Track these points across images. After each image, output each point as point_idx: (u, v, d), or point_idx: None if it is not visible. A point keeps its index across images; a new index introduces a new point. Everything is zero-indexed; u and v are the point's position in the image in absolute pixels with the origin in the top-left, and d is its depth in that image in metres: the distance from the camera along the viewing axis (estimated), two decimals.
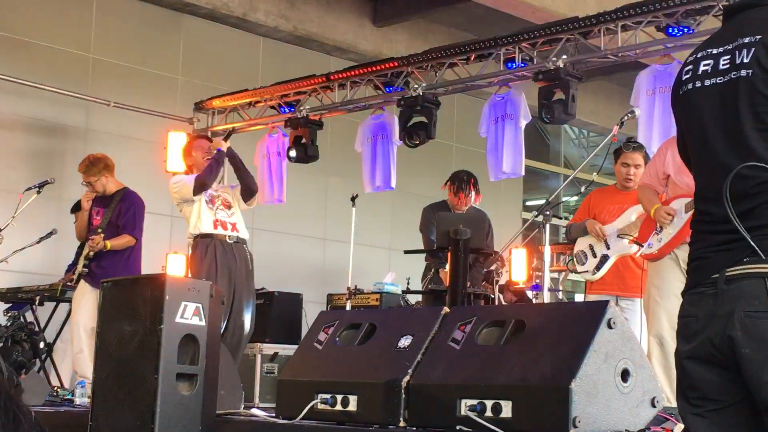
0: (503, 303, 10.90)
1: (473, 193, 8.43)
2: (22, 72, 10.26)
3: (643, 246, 6.21)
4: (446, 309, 4.75)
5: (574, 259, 7.34)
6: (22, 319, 8.17)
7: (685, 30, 7.64)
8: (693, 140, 2.71)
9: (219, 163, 7.65)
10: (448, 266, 7.01)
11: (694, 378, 2.53)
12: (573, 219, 7.55)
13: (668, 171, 6.12)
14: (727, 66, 2.57)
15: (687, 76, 2.69)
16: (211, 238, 7.40)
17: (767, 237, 2.43)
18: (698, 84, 2.64)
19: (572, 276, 9.55)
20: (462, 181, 8.43)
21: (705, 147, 2.63)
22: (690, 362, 2.54)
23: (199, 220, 7.47)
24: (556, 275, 13.53)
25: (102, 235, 7.83)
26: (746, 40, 2.54)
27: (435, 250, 7.84)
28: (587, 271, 7.19)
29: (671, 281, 6.02)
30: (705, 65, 2.64)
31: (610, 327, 4.07)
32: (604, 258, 7.08)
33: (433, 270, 8.44)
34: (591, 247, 7.18)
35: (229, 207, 7.64)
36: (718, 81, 2.59)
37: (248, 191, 7.67)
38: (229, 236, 7.45)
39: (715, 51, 2.63)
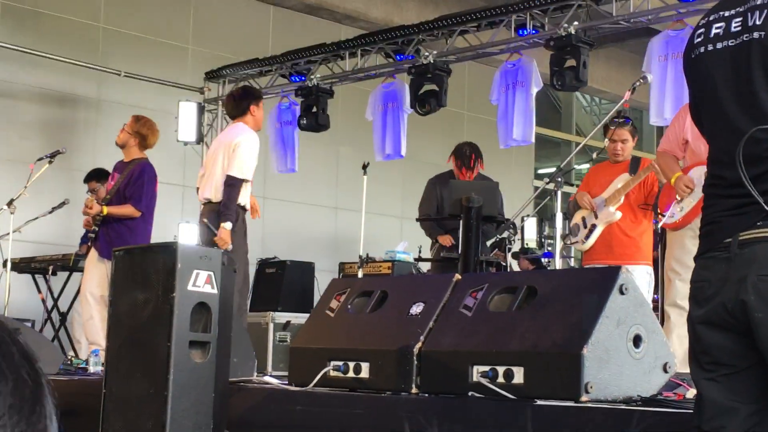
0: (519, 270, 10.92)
1: (477, 164, 8.38)
2: (32, 42, 10.26)
3: (664, 216, 6.17)
4: (458, 276, 4.75)
5: (570, 231, 7.39)
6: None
7: None
8: (705, 104, 2.69)
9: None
10: (460, 232, 7.01)
11: (707, 343, 2.52)
12: (573, 195, 7.58)
13: (687, 136, 6.08)
14: (739, 28, 2.54)
15: (699, 39, 2.67)
16: (245, 211, 7.31)
17: None
18: (710, 47, 2.61)
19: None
20: (464, 156, 8.37)
21: (717, 111, 2.61)
22: (703, 327, 2.53)
23: (246, 196, 7.26)
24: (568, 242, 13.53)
25: (93, 198, 7.80)
26: (759, 1, 2.51)
27: (446, 218, 7.82)
28: (578, 241, 7.25)
29: (691, 252, 5.99)
30: (717, 28, 2.61)
31: (622, 293, 4.06)
32: (593, 227, 7.13)
33: (437, 242, 8.41)
34: (583, 219, 7.23)
35: None
36: (729, 44, 2.56)
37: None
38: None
39: (727, 13, 2.60)
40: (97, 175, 9.13)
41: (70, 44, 10.65)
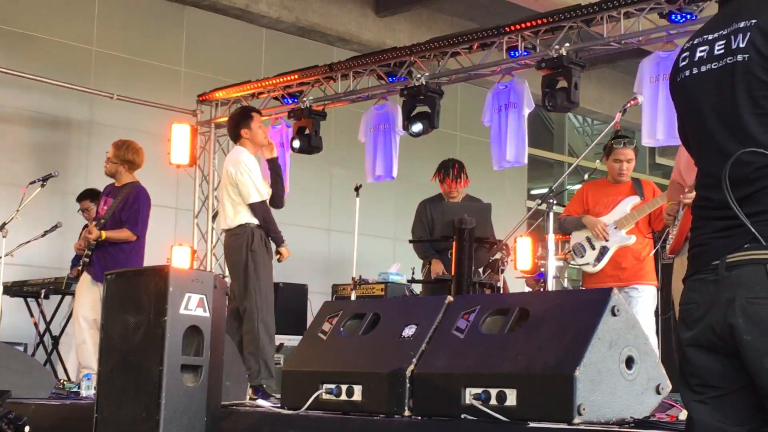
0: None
1: (462, 174, 8.35)
2: (25, 65, 10.27)
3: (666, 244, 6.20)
4: (450, 298, 4.75)
5: (573, 251, 7.32)
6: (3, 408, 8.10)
7: (688, 16, 7.62)
8: (692, 126, 2.70)
9: (279, 174, 7.55)
10: (452, 255, 7.01)
11: (696, 365, 2.53)
12: (566, 211, 7.50)
13: (680, 166, 6.09)
14: (723, 51, 2.56)
15: (684, 62, 2.69)
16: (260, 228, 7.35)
17: (767, 222, 2.42)
18: (695, 70, 2.64)
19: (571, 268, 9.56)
20: (448, 167, 8.39)
21: (704, 133, 2.63)
22: (692, 349, 2.53)
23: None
24: (561, 263, 13.53)
25: (94, 225, 7.81)
26: (741, 24, 2.53)
27: (439, 239, 7.83)
28: (588, 264, 7.17)
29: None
30: (701, 51, 2.63)
31: (614, 314, 4.06)
32: (604, 250, 7.08)
33: (423, 265, 8.40)
34: (588, 240, 7.17)
35: None
36: (713, 66, 2.58)
37: (275, 203, 7.53)
38: None
39: (710, 37, 2.62)
40: (90, 195, 9.13)
41: (63, 67, 10.66)
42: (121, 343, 4.76)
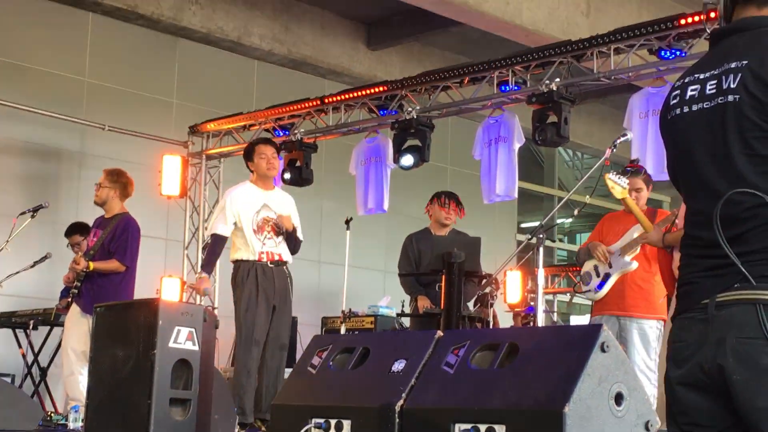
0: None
1: (452, 200, 8.37)
2: (17, 96, 10.28)
3: None
4: (439, 333, 4.75)
5: (581, 280, 7.33)
6: None
7: (678, 53, 7.68)
8: (682, 165, 2.71)
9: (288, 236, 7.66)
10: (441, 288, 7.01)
11: (684, 404, 2.53)
12: (584, 243, 7.53)
13: None
14: (714, 91, 2.57)
15: (674, 101, 2.70)
16: (253, 263, 7.43)
17: (758, 263, 2.43)
18: (686, 109, 2.65)
19: (577, 299, 9.53)
20: (444, 194, 8.42)
21: (694, 172, 2.64)
22: (681, 388, 2.54)
23: (245, 251, 7.46)
24: (550, 297, 13.55)
25: (81, 255, 7.79)
26: (733, 65, 2.55)
27: (428, 273, 7.83)
28: (590, 290, 7.18)
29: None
30: (692, 90, 2.64)
31: (603, 350, 4.06)
32: (606, 276, 7.08)
33: (411, 300, 8.39)
34: (595, 268, 7.18)
35: (278, 233, 7.54)
36: (705, 106, 2.59)
37: (291, 251, 7.72)
38: (272, 262, 7.46)
39: (702, 76, 2.64)
40: (79, 229, 9.11)
41: (55, 98, 10.68)
42: (110, 376, 4.75)
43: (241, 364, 7.25)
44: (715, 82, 2.57)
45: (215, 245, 7.60)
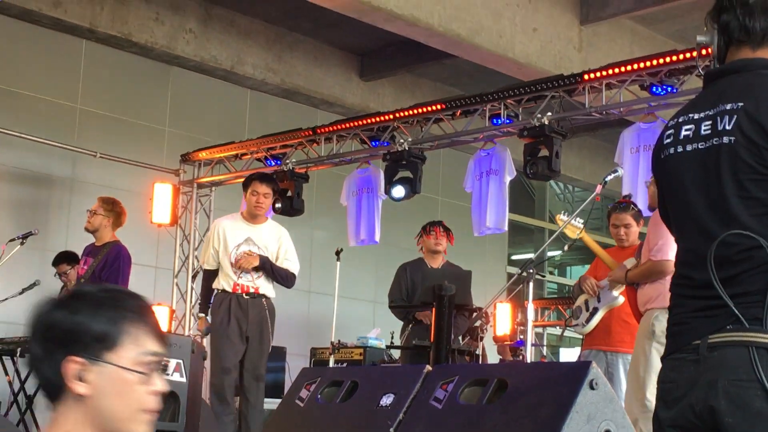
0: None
1: (449, 233, 8.41)
2: (8, 121, 10.27)
3: None
4: (428, 367, 4.74)
5: (572, 314, 7.33)
6: None
7: (669, 89, 7.72)
8: (674, 205, 2.71)
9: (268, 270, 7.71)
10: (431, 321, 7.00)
11: None
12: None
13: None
14: (709, 132, 2.57)
15: (668, 140, 2.69)
16: (228, 294, 7.52)
17: (751, 305, 2.42)
18: (680, 149, 2.64)
19: (569, 332, 9.52)
20: (428, 224, 8.47)
21: (687, 212, 2.63)
22: (670, 429, 2.53)
23: (223, 281, 7.61)
24: (540, 330, 13.54)
25: (74, 284, 7.79)
26: (728, 106, 2.54)
27: (418, 306, 7.82)
28: (578, 324, 7.18)
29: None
30: (686, 130, 2.64)
31: (592, 388, 4.05)
32: (595, 310, 7.08)
33: (411, 325, 8.39)
34: (586, 302, 7.19)
35: (257, 269, 7.61)
36: (699, 146, 2.59)
37: (282, 284, 7.79)
38: (247, 294, 7.52)
39: (696, 116, 2.63)
40: (66, 258, 9.08)
41: (46, 124, 10.68)
42: None
43: (212, 391, 7.40)
44: (710, 122, 2.57)
45: (205, 280, 7.80)
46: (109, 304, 2.04)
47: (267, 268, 7.56)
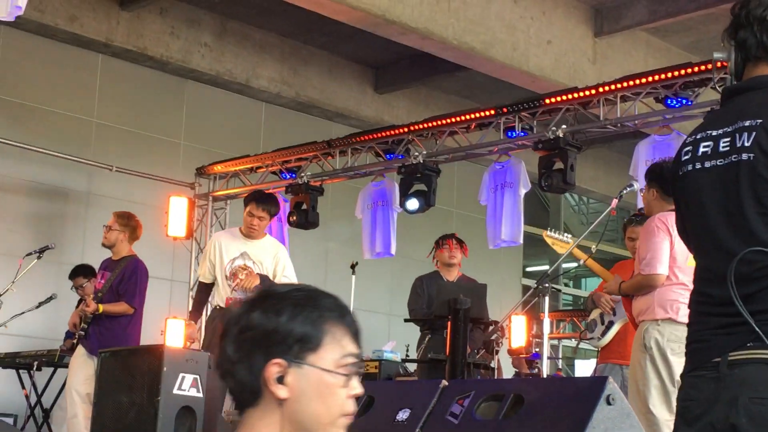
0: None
1: (462, 245, 8.42)
2: (25, 136, 10.32)
3: None
4: (444, 382, 4.73)
5: (587, 327, 7.32)
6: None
7: (684, 101, 7.70)
8: (693, 221, 2.69)
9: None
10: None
11: None
12: (594, 290, 7.55)
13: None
14: (728, 149, 2.56)
15: (686, 157, 2.68)
16: (222, 309, 7.56)
17: None
18: (698, 165, 2.63)
19: (583, 345, 9.49)
20: (440, 238, 8.50)
21: (705, 229, 2.62)
22: None
23: (218, 295, 7.73)
24: (555, 342, 13.50)
25: (92, 298, 7.80)
26: (747, 123, 2.53)
27: (433, 318, 7.82)
28: (593, 338, 7.18)
29: None
30: (705, 147, 2.63)
31: (609, 403, 4.05)
32: (610, 324, 7.08)
33: (428, 338, 8.40)
34: (601, 315, 7.18)
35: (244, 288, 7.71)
36: (718, 163, 2.58)
37: None
38: None
39: (714, 133, 2.62)
40: (83, 272, 9.12)
41: (63, 139, 10.72)
42: (114, 422, 4.74)
43: None
44: (728, 139, 2.56)
45: (199, 292, 7.95)
46: (310, 304, 1.99)
47: (266, 284, 7.60)
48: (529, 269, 15.70)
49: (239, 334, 1.97)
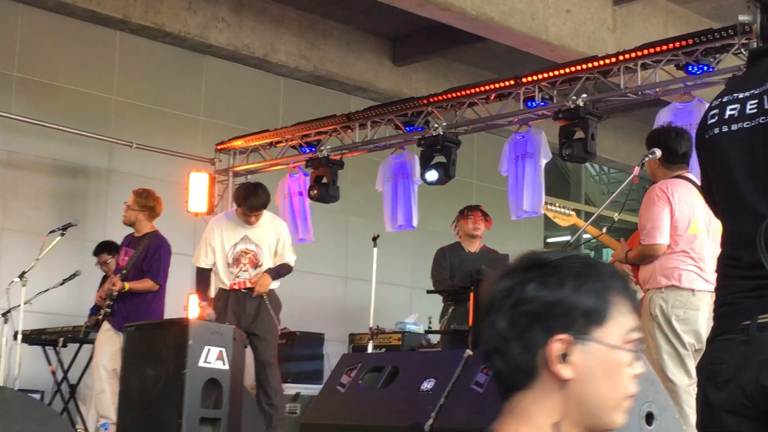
0: None
1: (487, 217, 8.44)
2: (45, 114, 10.36)
3: None
4: (469, 352, 4.74)
5: None
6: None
7: (705, 68, 7.65)
8: (720, 185, 2.66)
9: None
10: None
11: (722, 429, 2.49)
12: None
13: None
14: (755, 110, 2.53)
15: (712, 120, 2.64)
16: (227, 291, 7.75)
17: None
18: (725, 128, 2.60)
19: None
20: (466, 208, 8.51)
21: (733, 192, 2.59)
22: (720, 412, 2.49)
23: (219, 280, 7.88)
24: None
25: (118, 276, 7.85)
26: None
27: (456, 290, 7.83)
28: None
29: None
30: (731, 109, 2.60)
31: None
32: None
33: (451, 309, 8.41)
34: None
35: (256, 265, 7.82)
36: (745, 126, 2.55)
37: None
38: (245, 289, 7.67)
39: (741, 95, 2.59)
40: (108, 248, 9.17)
41: (83, 116, 10.75)
42: (140, 395, 4.77)
43: None
44: (756, 101, 2.53)
45: (199, 278, 8.02)
46: (593, 273, 1.76)
47: (274, 277, 7.82)
48: (550, 240, 15.67)
49: (513, 307, 1.75)
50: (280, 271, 7.89)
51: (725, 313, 2.55)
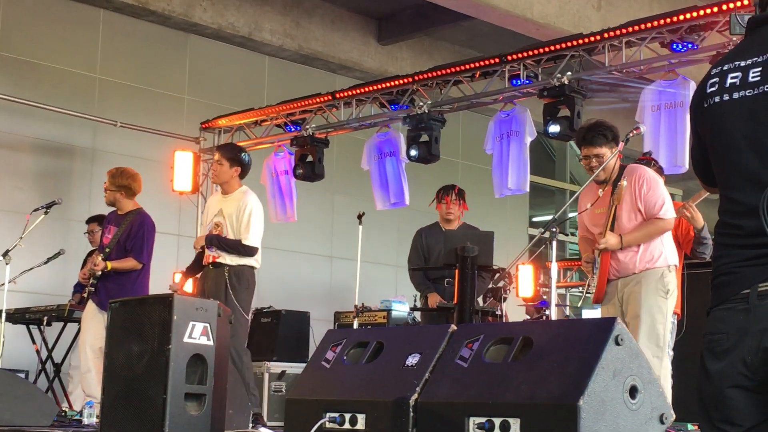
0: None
1: (461, 200, 8.35)
2: (29, 93, 10.31)
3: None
4: (453, 327, 4.75)
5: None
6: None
7: (690, 46, 7.66)
8: (719, 154, 2.63)
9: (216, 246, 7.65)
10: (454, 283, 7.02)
11: (720, 399, 2.47)
12: None
13: (585, 223, 6.35)
14: (758, 78, 2.49)
15: (712, 89, 2.61)
16: (205, 266, 7.62)
17: None
18: (725, 97, 2.56)
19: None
20: (448, 188, 8.42)
21: (733, 161, 2.56)
22: (719, 382, 2.47)
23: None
24: (562, 291, 13.54)
25: (100, 256, 7.82)
26: None
27: (441, 267, 7.84)
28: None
29: None
30: (732, 78, 2.56)
31: (617, 344, 4.06)
32: None
33: (420, 296, 8.41)
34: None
35: (209, 246, 7.68)
36: (747, 94, 2.52)
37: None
38: (211, 264, 7.50)
39: (743, 63, 2.56)
40: (99, 219, 9.14)
41: (67, 95, 10.71)
42: (125, 371, 4.76)
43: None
44: (759, 69, 2.49)
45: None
46: None
47: (215, 243, 7.48)
48: (535, 219, 15.70)
49: None
50: (227, 242, 7.46)
51: (724, 282, 2.53)
